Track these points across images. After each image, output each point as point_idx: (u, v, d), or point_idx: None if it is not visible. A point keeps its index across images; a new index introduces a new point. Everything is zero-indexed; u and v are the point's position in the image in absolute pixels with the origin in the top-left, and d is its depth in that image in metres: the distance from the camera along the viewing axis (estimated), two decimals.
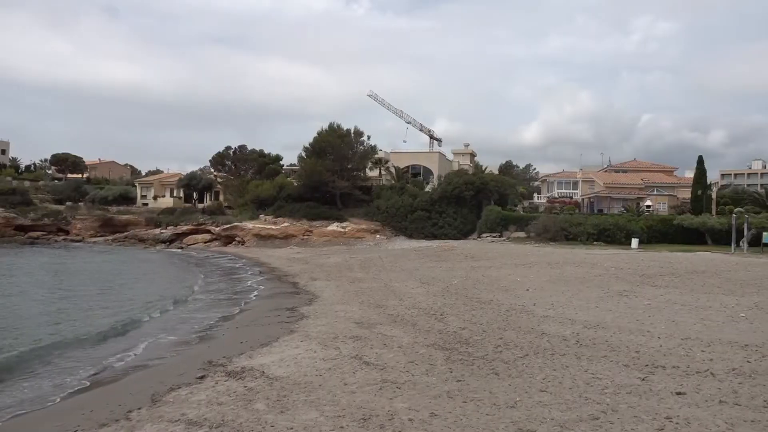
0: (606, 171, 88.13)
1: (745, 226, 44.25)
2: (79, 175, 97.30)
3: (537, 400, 8.41)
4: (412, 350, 11.90)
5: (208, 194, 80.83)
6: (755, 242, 44.13)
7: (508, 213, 58.13)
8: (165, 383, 10.19)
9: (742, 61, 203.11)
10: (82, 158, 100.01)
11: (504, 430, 7.28)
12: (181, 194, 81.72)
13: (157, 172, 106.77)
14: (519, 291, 20.58)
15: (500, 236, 54.30)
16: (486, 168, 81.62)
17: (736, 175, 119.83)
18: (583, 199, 72.50)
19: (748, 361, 10.47)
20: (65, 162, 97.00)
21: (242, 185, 70.30)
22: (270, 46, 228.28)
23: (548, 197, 76.85)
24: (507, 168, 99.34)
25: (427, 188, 67.62)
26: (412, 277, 26.42)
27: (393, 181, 69.59)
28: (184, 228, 65.26)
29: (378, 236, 58.34)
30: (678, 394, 8.60)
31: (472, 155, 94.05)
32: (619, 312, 16.04)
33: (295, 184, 66.87)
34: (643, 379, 9.42)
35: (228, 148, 77.56)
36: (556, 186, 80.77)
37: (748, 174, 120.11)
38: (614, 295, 19.05)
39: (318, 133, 64.48)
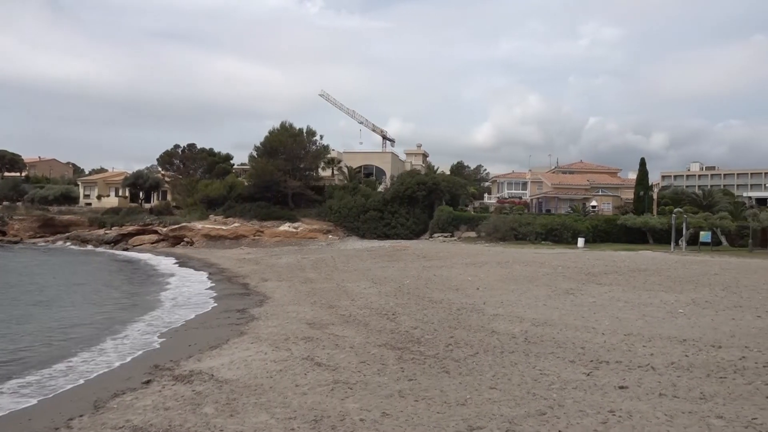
0: (554, 172, 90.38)
1: (684, 225, 46.21)
2: (17, 174, 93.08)
3: (487, 397, 8.54)
4: (364, 350, 11.90)
5: (155, 194, 78.74)
6: (693, 241, 46.13)
7: (460, 213, 58.90)
8: (109, 389, 9.87)
9: (683, 67, 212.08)
10: (20, 156, 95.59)
11: (454, 427, 7.36)
12: (127, 194, 79.30)
13: (102, 170, 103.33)
14: (470, 290, 20.86)
15: (452, 236, 54.95)
16: (438, 168, 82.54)
17: (675, 176, 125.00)
18: (531, 200, 74.15)
19: (686, 355, 10.91)
20: (2, 159, 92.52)
21: (191, 185, 68.76)
22: (221, 43, 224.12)
23: (498, 197, 78.28)
24: (458, 168, 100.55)
25: (380, 188, 67.83)
26: (365, 277, 26.44)
27: (346, 181, 69.51)
28: (130, 228, 63.45)
29: (330, 236, 58.13)
30: (621, 388, 8.89)
31: (425, 156, 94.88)
32: (565, 310, 16.46)
33: (246, 183, 65.92)
34: (588, 375, 9.69)
35: (176, 146, 75.72)
36: (506, 186, 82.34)
37: (687, 176, 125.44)
38: (561, 294, 19.55)
39: (270, 133, 63.79)
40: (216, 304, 21.26)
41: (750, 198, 72.40)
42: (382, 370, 10.26)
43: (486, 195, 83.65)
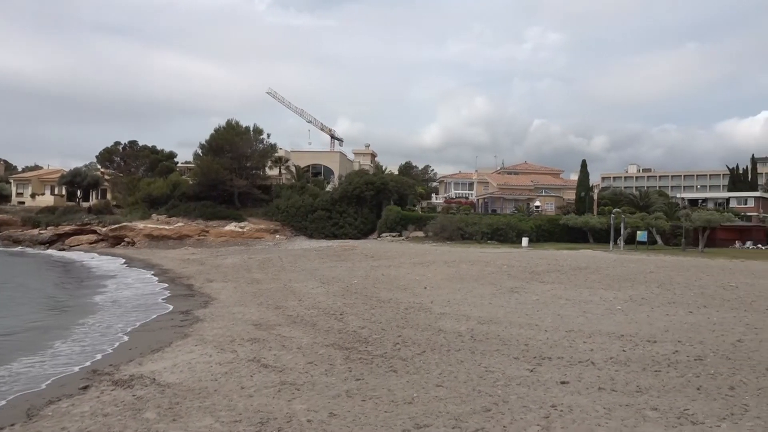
0: (499, 173, 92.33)
1: (622, 225, 48.04)
2: None
3: (433, 395, 8.62)
4: (311, 351, 11.83)
5: (94, 192, 75.95)
6: (631, 240, 48.03)
7: (408, 213, 59.32)
8: (43, 396, 9.46)
9: (623, 72, 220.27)
10: None
11: (401, 426, 7.40)
12: (64, 192, 76.23)
13: (36, 168, 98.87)
14: (417, 289, 21.04)
15: (400, 236, 55.28)
16: (386, 168, 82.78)
17: (614, 178, 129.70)
18: (478, 200, 75.42)
19: (623, 350, 11.33)
20: None
21: (132, 183, 66.71)
22: (166, 37, 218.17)
23: (446, 198, 79.23)
24: (406, 169, 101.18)
25: (328, 188, 67.60)
26: (313, 277, 26.28)
27: (293, 181, 68.92)
28: (67, 228, 61.08)
29: (278, 236, 57.52)
30: (562, 383, 9.15)
31: (373, 155, 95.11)
32: (510, 307, 16.82)
33: (191, 182, 64.45)
34: (532, 371, 9.93)
35: (117, 143, 73.37)
36: (453, 187, 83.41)
37: (625, 177, 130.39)
38: (506, 292, 19.96)
39: (215, 130, 62.64)
40: (158, 306, 20.67)
41: (683, 199, 75.92)
42: (329, 371, 10.22)
43: (433, 195, 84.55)
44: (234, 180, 60.72)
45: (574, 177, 73.83)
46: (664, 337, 12.55)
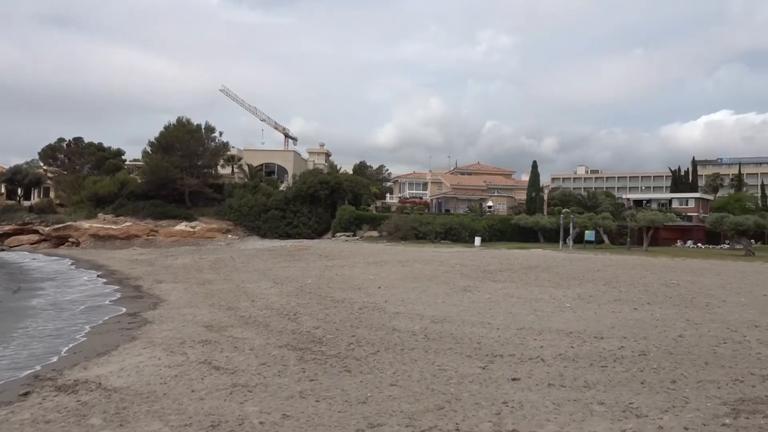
0: (453, 173, 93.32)
1: (571, 225, 49.31)
2: None
3: (387, 395, 8.65)
4: (264, 352, 11.68)
5: (36, 191, 73.07)
6: (579, 239, 49.37)
7: (362, 213, 59.35)
8: None
9: (573, 76, 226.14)
10: None
11: (355, 425, 7.39)
12: (3, 190, 73.07)
13: None
14: (371, 289, 21.06)
15: (354, 235, 55.25)
16: (341, 168, 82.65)
17: (564, 179, 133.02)
18: (432, 200, 76.09)
19: (571, 347, 11.63)
20: None
21: (78, 181, 64.46)
22: (114, 32, 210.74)
23: (400, 197, 79.63)
24: (361, 168, 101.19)
25: (282, 187, 66.95)
26: (266, 277, 25.97)
27: (246, 180, 67.97)
28: (7, 228, 58.69)
29: (230, 236, 56.64)
30: (513, 380, 9.32)
31: (327, 155, 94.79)
32: (463, 306, 17.03)
33: (140, 181, 62.77)
34: (484, 368, 10.08)
35: (61, 140, 70.78)
36: (407, 187, 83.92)
37: (574, 178, 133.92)
38: (459, 291, 20.20)
39: (165, 128, 61.26)
40: (105, 309, 20.03)
41: (629, 199, 78.59)
42: (282, 372, 10.12)
43: (388, 195, 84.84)
44: (185, 179, 59.47)
45: (526, 178, 75.35)
46: (611, 333, 12.94)
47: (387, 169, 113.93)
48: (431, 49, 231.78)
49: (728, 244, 50.68)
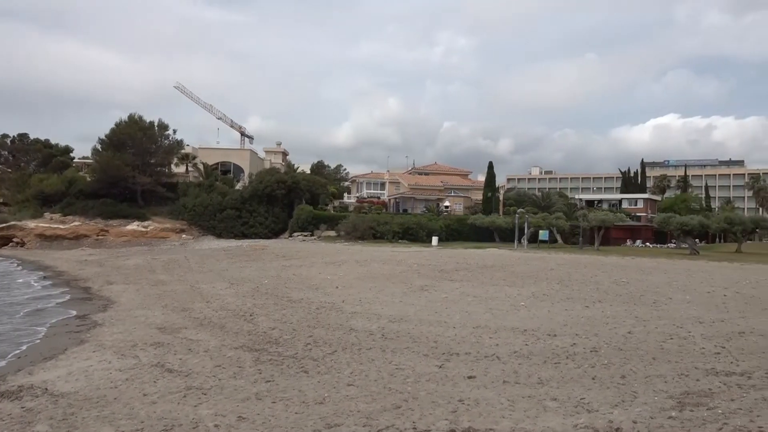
0: (411, 173, 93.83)
1: (526, 225, 50.26)
2: None
3: (344, 395, 8.63)
4: (219, 354, 11.49)
5: None
6: (534, 239, 50.37)
7: (320, 212, 59.07)
8: None
9: (528, 78, 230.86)
10: None
11: (312, 426, 7.35)
12: None
13: None
14: (329, 289, 20.98)
15: (311, 235, 54.94)
16: (298, 167, 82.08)
17: (519, 179, 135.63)
18: (389, 199, 76.33)
19: (526, 344, 11.85)
20: None
21: (22, 179, 62.20)
22: (62, 24, 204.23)
23: (358, 197, 79.60)
24: (319, 168, 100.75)
25: (238, 186, 66.03)
26: (221, 277, 25.57)
27: (201, 179, 66.76)
28: None
29: (184, 236, 55.53)
30: (469, 378, 9.44)
31: (285, 154, 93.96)
32: (420, 305, 17.14)
33: (89, 179, 60.88)
34: (440, 367, 10.17)
35: (5, 136, 68.26)
36: (365, 186, 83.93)
37: (529, 179, 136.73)
38: (416, 290, 20.33)
39: (116, 125, 59.70)
40: (52, 311, 19.33)
41: (581, 200, 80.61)
42: (238, 373, 9.97)
43: (346, 194, 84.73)
44: (137, 177, 58.00)
45: (482, 178, 76.38)
46: (563, 330, 13.25)
47: (345, 169, 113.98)
48: (390, 49, 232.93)
49: (674, 243, 52.54)
